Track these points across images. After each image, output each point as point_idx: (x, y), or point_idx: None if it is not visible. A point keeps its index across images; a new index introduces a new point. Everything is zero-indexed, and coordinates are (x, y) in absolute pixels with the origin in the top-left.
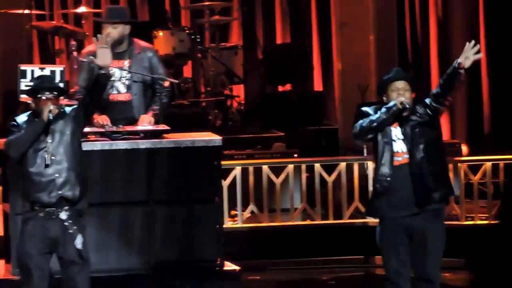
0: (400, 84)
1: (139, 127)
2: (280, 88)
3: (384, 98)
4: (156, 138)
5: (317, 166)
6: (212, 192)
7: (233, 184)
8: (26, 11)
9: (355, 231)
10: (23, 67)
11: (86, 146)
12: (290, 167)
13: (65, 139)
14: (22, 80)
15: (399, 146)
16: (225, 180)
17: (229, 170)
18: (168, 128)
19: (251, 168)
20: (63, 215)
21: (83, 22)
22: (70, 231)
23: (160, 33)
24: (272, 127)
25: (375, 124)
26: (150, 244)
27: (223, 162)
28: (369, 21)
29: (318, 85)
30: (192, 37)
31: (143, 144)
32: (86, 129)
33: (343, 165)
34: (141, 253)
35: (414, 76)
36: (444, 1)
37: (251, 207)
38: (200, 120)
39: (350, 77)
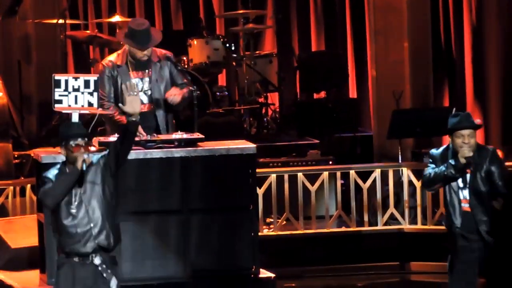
0: (466, 132)
1: (173, 136)
2: (315, 96)
3: (450, 139)
4: (190, 147)
5: (352, 173)
6: (247, 200)
7: (268, 191)
8: (61, 21)
9: (390, 238)
10: (57, 76)
11: None
12: (325, 174)
13: (97, 189)
14: (56, 89)
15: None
16: (260, 188)
17: (264, 178)
18: (203, 136)
19: (286, 176)
20: (97, 260)
21: (117, 31)
22: (104, 274)
23: (195, 42)
24: (307, 134)
25: (445, 180)
26: (186, 253)
27: (258, 170)
28: (403, 29)
29: (352, 93)
30: (227, 45)
31: (178, 152)
32: None
33: (378, 171)
34: (177, 262)
35: (480, 124)
36: (478, 8)
37: (287, 214)
38: (235, 128)
39: (384, 84)
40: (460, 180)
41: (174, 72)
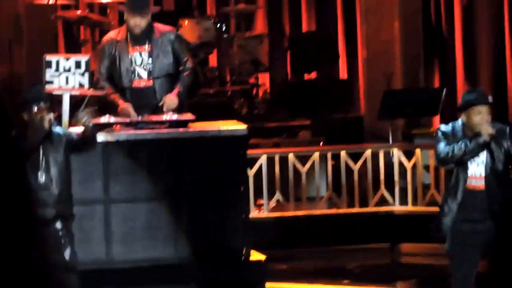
0: (484, 108)
1: (164, 117)
2: (306, 76)
3: (463, 117)
4: (181, 128)
5: (343, 154)
6: (238, 181)
7: (259, 173)
8: (51, 2)
9: (381, 219)
10: (48, 57)
11: (111, 136)
12: (316, 155)
13: (59, 159)
14: (47, 70)
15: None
16: (251, 169)
17: (255, 159)
18: (194, 117)
19: (277, 157)
20: (59, 225)
21: (108, 11)
22: (62, 240)
23: (186, 22)
24: (298, 115)
25: (466, 156)
26: (176, 234)
27: (249, 151)
28: (394, 8)
29: (343, 73)
30: (218, 26)
31: (169, 134)
32: (111, 119)
33: (368, 152)
34: (168, 243)
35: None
36: None
37: (277, 196)
38: (226, 109)
39: (375, 64)
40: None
41: (177, 47)
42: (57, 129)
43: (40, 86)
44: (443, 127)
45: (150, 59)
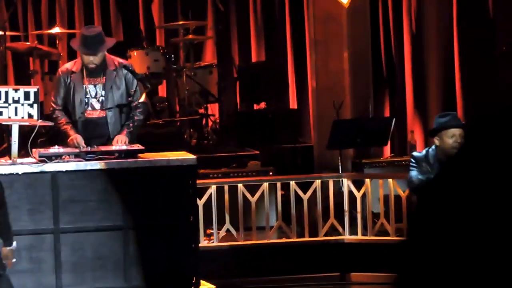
0: (457, 131)
1: (113, 147)
2: (255, 107)
3: (436, 141)
4: (130, 158)
5: (292, 183)
6: (188, 211)
7: (208, 203)
8: (0, 33)
9: (331, 249)
10: None
11: (60, 166)
12: (265, 185)
13: None
14: None
15: None
16: (200, 199)
17: (204, 189)
18: (143, 148)
19: (226, 187)
20: None
21: (57, 42)
22: None
23: (135, 53)
24: (247, 145)
25: None
26: (126, 264)
27: (198, 181)
28: (343, 38)
29: (293, 103)
30: (167, 56)
31: (118, 164)
32: (61, 150)
33: (318, 182)
34: (117, 273)
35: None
36: (417, 19)
37: (227, 225)
38: (175, 139)
39: (325, 94)
40: None
41: (129, 79)
42: None
43: None
44: (416, 154)
45: (103, 91)
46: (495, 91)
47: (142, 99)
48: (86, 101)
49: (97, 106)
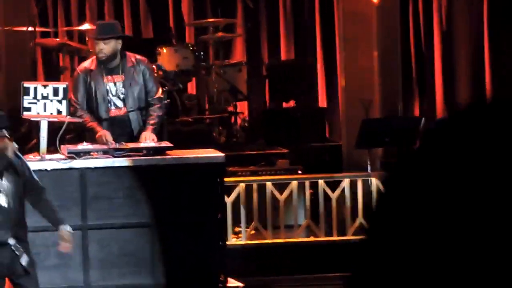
0: None
1: (142, 144)
2: (284, 105)
3: None
4: (159, 155)
5: (320, 182)
6: (216, 209)
7: (236, 201)
8: (30, 29)
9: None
10: (26, 84)
11: (88, 163)
12: (294, 183)
13: (20, 183)
14: (25, 97)
15: None
16: (228, 197)
17: (232, 187)
18: (171, 145)
19: (254, 185)
20: (11, 241)
21: (87, 39)
22: (17, 252)
23: (164, 50)
24: (276, 144)
25: None
26: (153, 261)
27: (226, 179)
28: (372, 37)
29: (322, 102)
30: (196, 54)
31: (146, 161)
32: (89, 146)
33: (347, 181)
34: (144, 270)
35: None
36: (448, 15)
37: (255, 223)
38: (204, 137)
39: (354, 93)
40: None
41: (148, 78)
42: (20, 156)
43: (2, 114)
44: None
45: (123, 88)
46: None
47: (159, 93)
48: (108, 99)
49: (119, 103)
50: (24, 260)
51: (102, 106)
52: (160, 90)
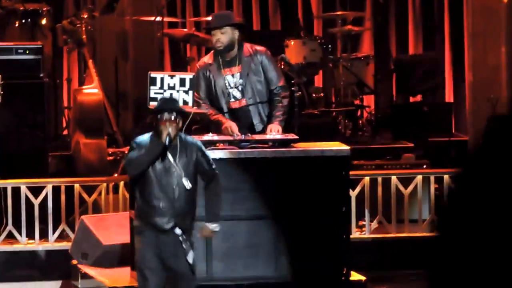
0: None
1: (267, 136)
2: (411, 99)
3: None
4: (284, 147)
5: (446, 177)
6: (340, 202)
7: (361, 194)
8: (158, 19)
9: None
10: (153, 74)
11: (214, 154)
12: (419, 178)
13: (191, 169)
14: (152, 87)
15: None
16: (353, 190)
17: (357, 180)
18: (297, 137)
19: (380, 179)
20: (178, 231)
21: None
22: (184, 245)
23: (292, 42)
24: (402, 138)
25: None
26: (277, 253)
27: (351, 172)
28: (501, 32)
29: (449, 97)
30: (324, 46)
31: (272, 153)
32: (215, 137)
33: None
34: (268, 262)
35: None
36: None
37: (379, 217)
38: (330, 130)
39: (481, 89)
40: None
41: (268, 68)
42: (189, 139)
43: (172, 99)
44: None
45: (241, 79)
46: None
47: (282, 82)
48: (228, 92)
49: (238, 95)
50: (190, 257)
51: (222, 99)
52: (283, 79)
